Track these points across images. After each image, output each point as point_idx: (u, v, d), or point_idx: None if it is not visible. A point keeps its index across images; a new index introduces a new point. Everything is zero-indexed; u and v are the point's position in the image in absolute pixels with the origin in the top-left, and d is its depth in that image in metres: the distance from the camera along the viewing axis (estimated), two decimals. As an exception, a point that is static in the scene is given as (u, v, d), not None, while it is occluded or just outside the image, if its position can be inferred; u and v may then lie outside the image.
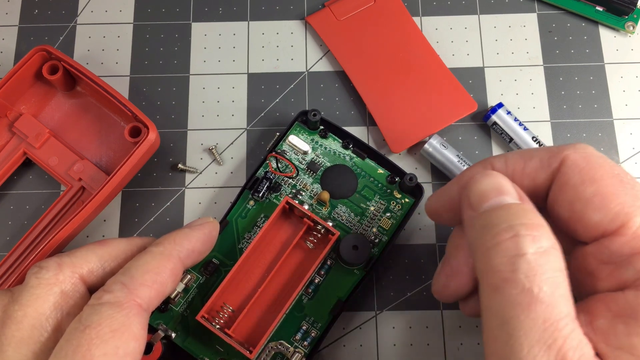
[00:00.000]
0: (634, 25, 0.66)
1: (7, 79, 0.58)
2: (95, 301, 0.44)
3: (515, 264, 0.37)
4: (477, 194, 0.42)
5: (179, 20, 0.67)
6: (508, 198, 0.41)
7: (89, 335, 0.41)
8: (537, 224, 0.38)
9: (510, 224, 0.38)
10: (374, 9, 0.66)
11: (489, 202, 0.41)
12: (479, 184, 0.42)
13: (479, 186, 0.42)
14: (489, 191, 0.41)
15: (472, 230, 0.41)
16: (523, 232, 0.37)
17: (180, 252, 0.49)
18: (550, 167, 0.43)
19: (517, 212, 0.39)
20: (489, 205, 0.41)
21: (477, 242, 0.40)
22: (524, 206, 0.40)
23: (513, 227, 0.38)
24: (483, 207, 0.41)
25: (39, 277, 0.46)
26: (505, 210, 0.40)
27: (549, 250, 0.37)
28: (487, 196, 0.41)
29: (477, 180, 0.42)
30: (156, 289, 0.46)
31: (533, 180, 0.44)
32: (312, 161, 0.59)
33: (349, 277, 0.56)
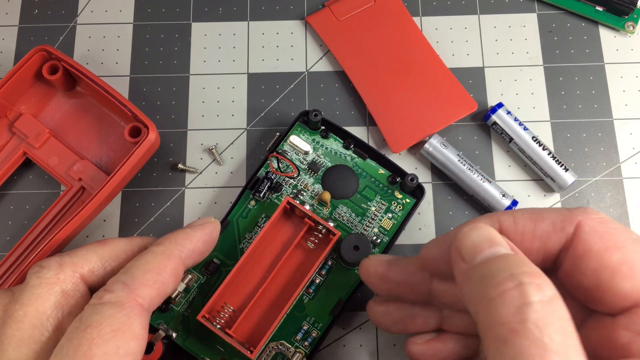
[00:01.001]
0: (634, 25, 0.66)
1: (7, 79, 0.58)
2: (97, 301, 0.44)
3: (524, 314, 0.35)
4: (469, 246, 0.41)
5: (179, 20, 0.67)
6: (501, 249, 0.40)
7: (90, 335, 0.41)
8: (538, 272, 0.37)
9: (512, 273, 0.37)
10: (374, 9, 0.66)
11: (483, 253, 0.40)
12: (470, 236, 0.41)
13: (470, 239, 0.41)
14: (481, 243, 0.41)
15: (468, 282, 0.40)
16: (527, 280, 0.36)
17: (182, 252, 0.49)
18: (564, 231, 0.42)
19: (515, 261, 0.38)
20: (483, 256, 0.40)
21: (476, 294, 0.39)
22: (520, 256, 0.40)
23: (515, 276, 0.37)
24: (477, 259, 0.40)
25: (40, 277, 0.46)
26: (503, 260, 0.39)
27: (554, 299, 0.36)
28: (479, 248, 0.40)
29: (466, 233, 0.42)
30: (157, 288, 0.46)
31: (544, 243, 0.42)
32: (313, 161, 0.59)
33: (350, 277, 0.56)
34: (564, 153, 0.63)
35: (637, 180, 0.62)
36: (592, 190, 0.62)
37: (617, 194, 0.62)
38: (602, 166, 0.63)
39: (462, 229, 0.42)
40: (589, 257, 0.40)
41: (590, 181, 0.62)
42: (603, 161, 0.63)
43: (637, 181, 0.62)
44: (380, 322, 0.52)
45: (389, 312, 0.52)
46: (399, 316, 0.52)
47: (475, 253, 0.40)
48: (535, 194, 0.62)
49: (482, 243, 0.40)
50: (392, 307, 0.52)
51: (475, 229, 0.42)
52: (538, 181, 0.62)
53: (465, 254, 0.41)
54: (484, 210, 0.61)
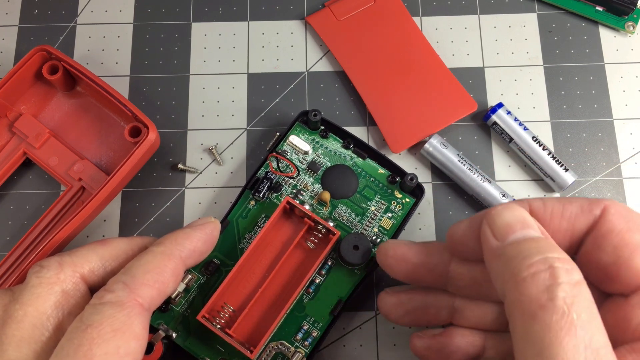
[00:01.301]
0: (634, 25, 0.66)
1: (7, 79, 0.58)
2: (97, 300, 0.44)
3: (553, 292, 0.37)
4: (502, 225, 0.42)
5: (179, 20, 0.67)
6: (533, 232, 0.41)
7: (91, 335, 0.41)
8: (567, 258, 0.39)
9: (545, 256, 0.38)
10: (374, 9, 0.66)
11: (515, 234, 0.41)
12: (503, 215, 0.42)
13: (503, 218, 0.42)
14: (514, 223, 0.42)
15: (498, 260, 0.41)
16: (558, 265, 0.38)
17: (182, 251, 0.49)
18: (591, 212, 0.43)
19: (547, 245, 0.40)
20: (515, 237, 0.41)
21: (507, 271, 0.40)
22: (550, 242, 0.41)
23: (547, 259, 0.38)
24: (509, 239, 0.41)
25: (40, 276, 0.46)
26: (535, 242, 0.40)
27: (581, 283, 0.38)
28: (512, 228, 0.42)
29: (500, 212, 0.43)
30: (157, 288, 0.46)
31: (572, 225, 0.43)
32: (312, 161, 0.59)
33: (350, 277, 0.56)
34: (564, 153, 0.63)
35: (637, 180, 0.62)
36: (592, 190, 0.62)
37: (617, 194, 0.62)
38: (602, 166, 0.63)
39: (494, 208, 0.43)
40: (612, 236, 0.41)
41: (590, 181, 0.62)
42: (603, 161, 0.63)
43: (637, 181, 0.62)
44: (391, 313, 0.53)
45: (401, 302, 0.52)
46: (410, 307, 0.52)
47: (507, 232, 0.41)
48: (535, 194, 0.62)
49: (515, 223, 0.42)
50: (404, 297, 0.52)
51: (509, 209, 0.43)
52: (538, 181, 0.62)
53: (497, 232, 0.42)
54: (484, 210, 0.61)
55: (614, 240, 0.41)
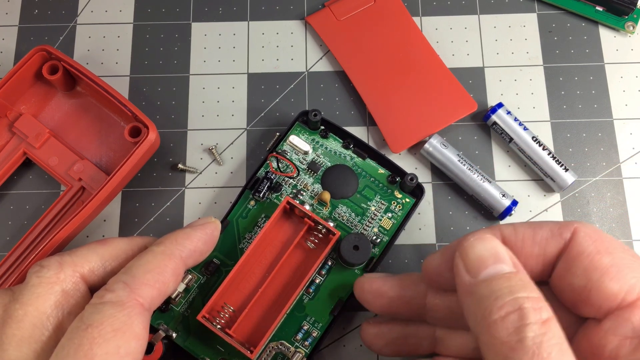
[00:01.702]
0: (634, 25, 0.66)
1: (7, 79, 0.58)
2: (98, 300, 0.44)
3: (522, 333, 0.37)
4: (474, 259, 0.42)
5: (179, 20, 0.67)
6: (505, 267, 0.41)
7: (91, 334, 0.41)
8: (538, 297, 0.39)
9: (515, 297, 0.39)
10: (374, 9, 0.66)
11: (487, 269, 0.41)
12: (476, 248, 0.43)
13: (475, 251, 0.42)
14: (486, 257, 0.42)
15: (470, 298, 0.42)
16: (527, 305, 0.38)
17: (182, 251, 0.49)
18: (561, 236, 0.43)
19: (518, 284, 0.40)
20: (487, 273, 0.41)
21: (479, 312, 0.40)
22: (522, 276, 0.41)
23: (517, 300, 0.39)
24: (481, 275, 0.41)
25: (40, 276, 0.46)
26: (506, 281, 0.40)
27: (550, 320, 0.38)
28: (484, 263, 0.42)
29: (472, 244, 0.43)
30: (158, 288, 0.46)
31: (544, 249, 0.44)
32: (312, 161, 0.59)
33: (350, 277, 0.56)
34: (564, 153, 0.63)
35: (637, 180, 0.62)
36: (592, 190, 0.62)
37: (617, 194, 0.62)
38: (602, 166, 0.63)
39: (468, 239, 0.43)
40: (582, 259, 0.42)
41: (590, 181, 0.62)
42: (603, 161, 0.63)
43: (637, 181, 0.62)
44: (373, 343, 0.53)
45: (382, 333, 0.53)
46: (391, 337, 0.52)
47: (479, 267, 0.42)
48: (535, 194, 0.62)
49: (487, 258, 0.42)
50: (384, 328, 0.53)
51: (481, 241, 0.43)
52: (538, 181, 0.62)
53: (469, 266, 0.42)
54: (484, 210, 0.61)
55: (583, 263, 0.42)
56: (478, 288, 0.41)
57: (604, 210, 0.61)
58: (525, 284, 0.40)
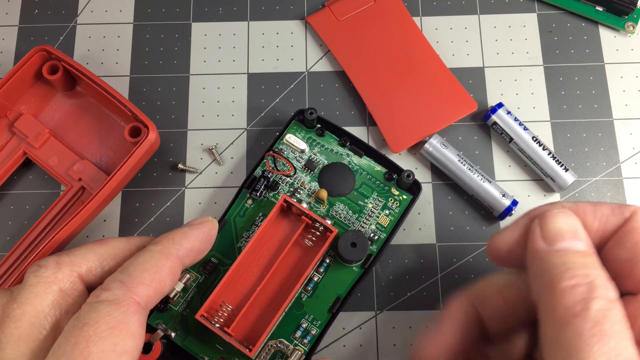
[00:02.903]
0: (634, 25, 0.66)
1: (7, 79, 0.59)
2: (94, 299, 0.44)
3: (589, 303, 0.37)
4: (554, 229, 0.42)
5: (179, 20, 0.67)
6: (582, 245, 0.42)
7: (87, 333, 0.41)
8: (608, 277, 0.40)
9: (588, 272, 0.39)
10: (374, 9, 0.66)
11: (565, 241, 0.42)
12: (557, 220, 0.43)
13: (556, 222, 0.43)
14: (566, 230, 0.42)
15: (540, 262, 0.42)
16: (598, 282, 0.38)
17: (179, 250, 0.49)
18: (622, 214, 0.43)
19: (592, 262, 0.40)
20: (563, 245, 0.42)
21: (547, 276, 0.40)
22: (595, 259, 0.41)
23: (589, 275, 0.39)
24: (557, 245, 0.42)
25: (38, 276, 0.46)
26: (582, 256, 0.41)
27: (616, 300, 0.38)
28: (563, 235, 0.42)
29: (555, 215, 0.43)
30: (154, 287, 0.46)
31: (604, 224, 0.44)
32: (309, 159, 0.59)
33: (348, 274, 0.56)
34: (564, 153, 0.63)
35: (637, 180, 0.62)
36: (592, 190, 0.62)
37: (617, 194, 0.62)
38: (602, 166, 0.63)
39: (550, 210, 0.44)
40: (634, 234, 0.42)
41: (590, 181, 0.62)
42: (603, 161, 0.63)
43: (637, 181, 0.62)
44: None
45: None
46: None
47: (557, 238, 0.42)
48: (535, 194, 0.62)
49: (567, 231, 0.42)
50: None
51: (564, 215, 0.43)
52: (538, 181, 0.62)
53: (547, 235, 0.42)
54: (484, 210, 0.61)
55: (634, 238, 0.42)
56: (551, 256, 0.41)
57: (604, 210, 0.61)
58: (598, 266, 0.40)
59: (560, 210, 0.43)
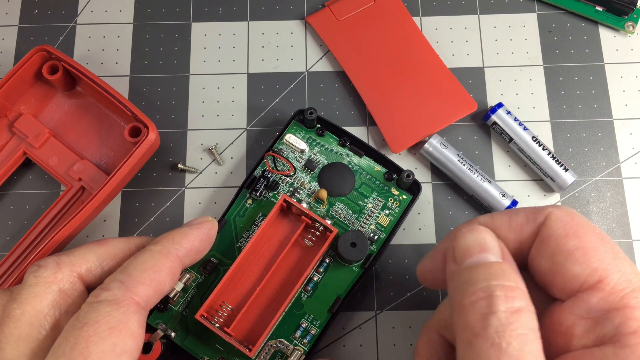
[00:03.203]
0: (634, 25, 0.66)
1: (7, 79, 0.59)
2: (94, 299, 0.44)
3: (487, 321, 0.38)
4: (462, 248, 0.43)
5: (179, 20, 0.67)
6: (490, 256, 0.42)
7: (87, 333, 0.41)
8: (513, 286, 0.40)
9: (488, 284, 0.40)
10: (374, 9, 0.66)
11: (472, 258, 0.42)
12: (464, 238, 0.43)
13: (464, 241, 0.43)
14: (473, 247, 0.43)
15: (452, 284, 0.43)
16: (498, 293, 0.39)
17: (179, 250, 0.49)
18: (535, 221, 0.44)
19: (495, 272, 0.41)
20: (471, 261, 0.42)
21: (455, 297, 0.41)
22: (503, 266, 0.41)
23: (489, 287, 0.39)
24: (465, 263, 0.42)
25: (38, 276, 0.46)
26: (485, 269, 0.41)
27: (521, 310, 0.39)
28: (470, 251, 0.43)
29: (462, 234, 0.44)
30: (154, 287, 0.46)
31: (519, 234, 0.44)
32: (309, 159, 0.59)
33: (348, 274, 0.56)
34: (564, 153, 0.63)
35: (637, 180, 0.62)
36: (592, 190, 0.62)
37: (617, 194, 0.62)
38: (602, 166, 0.63)
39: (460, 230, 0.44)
40: (549, 241, 0.42)
41: (590, 181, 0.62)
42: (603, 161, 0.63)
43: (637, 181, 0.62)
44: None
45: None
46: None
47: (465, 256, 0.43)
48: (535, 194, 0.62)
49: (473, 247, 0.43)
50: None
51: (471, 232, 0.44)
52: (538, 181, 0.62)
53: (457, 255, 0.43)
54: (483, 210, 0.61)
55: (550, 246, 0.42)
56: (459, 275, 0.42)
57: (604, 210, 0.61)
58: (505, 273, 0.41)
59: (468, 228, 0.44)
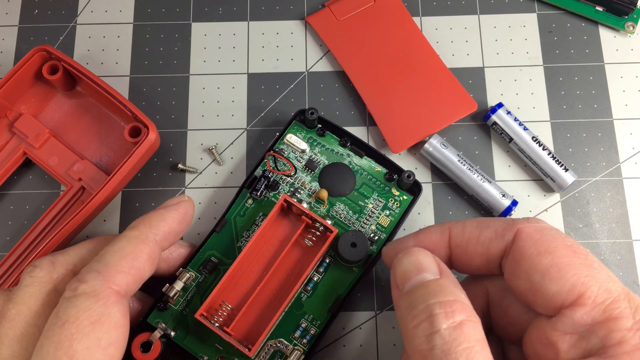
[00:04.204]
0: (634, 25, 0.66)
1: (7, 79, 0.59)
2: (71, 293, 0.44)
3: (432, 342, 0.39)
4: (400, 274, 0.44)
5: (179, 20, 0.67)
6: (428, 275, 0.43)
7: (69, 331, 0.41)
8: (452, 300, 0.41)
9: (426, 304, 0.41)
10: (374, 9, 0.66)
11: (410, 281, 0.43)
12: (402, 264, 0.45)
13: (401, 266, 0.45)
14: (409, 270, 0.44)
15: (397, 310, 0.43)
16: (437, 311, 0.40)
17: (157, 235, 0.49)
18: (503, 238, 0.44)
19: (433, 290, 0.42)
20: (410, 284, 0.43)
21: (401, 323, 0.42)
22: (440, 281, 0.42)
23: (428, 307, 0.40)
24: (406, 287, 0.43)
25: (33, 276, 0.47)
26: (423, 289, 0.42)
27: (463, 323, 0.39)
28: (408, 275, 0.44)
29: (400, 260, 0.45)
30: (133, 274, 0.46)
31: (487, 249, 0.45)
32: (310, 159, 0.59)
33: (348, 274, 0.56)
34: (564, 153, 0.63)
35: (637, 180, 0.62)
36: (592, 190, 0.62)
37: (617, 194, 0.62)
38: (602, 166, 0.63)
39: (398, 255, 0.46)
40: (523, 262, 0.43)
41: (590, 181, 0.62)
42: (603, 161, 0.63)
43: (637, 181, 0.62)
44: None
45: None
46: None
47: (404, 280, 0.44)
48: (535, 194, 0.62)
49: (410, 270, 0.44)
50: None
51: (407, 255, 0.45)
52: (538, 181, 0.62)
53: (398, 282, 0.44)
54: (483, 210, 0.61)
55: (525, 267, 0.42)
56: (402, 300, 0.43)
57: (604, 210, 0.61)
58: (442, 289, 0.42)
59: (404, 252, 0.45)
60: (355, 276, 0.56)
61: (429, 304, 0.40)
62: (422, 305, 0.40)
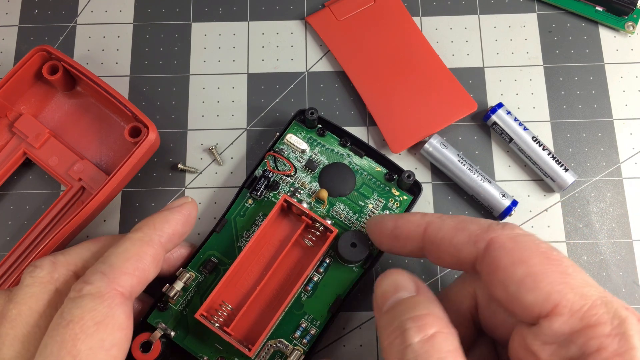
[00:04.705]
0: (634, 25, 0.66)
1: (7, 79, 0.59)
2: (76, 293, 0.44)
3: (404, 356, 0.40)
4: (380, 295, 0.46)
5: (179, 20, 0.67)
6: (404, 293, 0.44)
7: (73, 331, 0.42)
8: (425, 314, 0.41)
9: (400, 321, 0.41)
10: (374, 9, 0.66)
11: (389, 301, 0.44)
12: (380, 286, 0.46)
13: (380, 288, 0.46)
14: (388, 290, 0.45)
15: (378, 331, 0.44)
16: (409, 325, 0.40)
17: (161, 237, 0.49)
18: (475, 245, 0.44)
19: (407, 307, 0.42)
20: (388, 304, 0.44)
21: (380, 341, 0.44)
22: (416, 298, 0.43)
23: (401, 324, 0.41)
24: (385, 308, 0.44)
25: (34, 276, 0.46)
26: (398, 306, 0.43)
27: (435, 335, 0.40)
28: (387, 295, 0.45)
29: (379, 282, 0.46)
30: (138, 276, 0.46)
31: (459, 252, 0.45)
32: (310, 159, 0.59)
33: (348, 274, 0.56)
34: (564, 153, 0.63)
35: (637, 180, 0.62)
36: (592, 190, 0.62)
37: (617, 194, 0.62)
38: (602, 166, 0.63)
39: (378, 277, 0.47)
40: (498, 272, 0.42)
41: (590, 181, 0.62)
42: (603, 161, 0.63)
43: (637, 181, 0.62)
44: None
45: None
46: None
47: (383, 301, 0.45)
48: (535, 194, 0.62)
49: (388, 290, 0.45)
50: None
51: (385, 277, 0.46)
52: (538, 181, 0.62)
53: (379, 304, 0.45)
54: (483, 210, 0.61)
55: (500, 277, 0.42)
56: (381, 320, 0.44)
57: (604, 210, 0.61)
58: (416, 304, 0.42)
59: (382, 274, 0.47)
60: (355, 276, 0.56)
61: (402, 320, 0.41)
62: (397, 321, 0.41)
